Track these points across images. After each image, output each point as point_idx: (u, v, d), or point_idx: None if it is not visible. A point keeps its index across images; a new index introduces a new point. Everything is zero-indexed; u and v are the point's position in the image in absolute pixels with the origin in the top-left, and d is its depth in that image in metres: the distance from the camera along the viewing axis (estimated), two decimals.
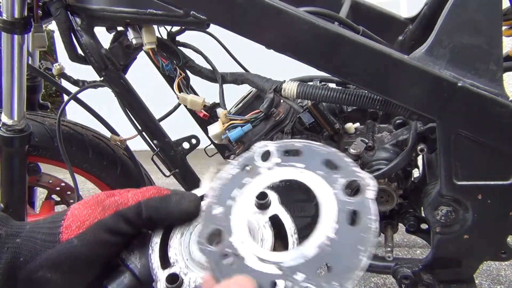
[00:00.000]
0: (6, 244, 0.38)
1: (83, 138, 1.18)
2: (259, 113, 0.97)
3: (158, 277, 0.36)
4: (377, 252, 1.69)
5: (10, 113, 1.01)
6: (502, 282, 1.51)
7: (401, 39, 1.06)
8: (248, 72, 1.05)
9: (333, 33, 0.75)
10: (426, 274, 0.96)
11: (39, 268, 0.38)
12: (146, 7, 0.83)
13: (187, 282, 0.35)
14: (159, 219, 0.39)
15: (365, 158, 0.94)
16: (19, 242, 0.39)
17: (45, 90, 2.08)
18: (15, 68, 0.97)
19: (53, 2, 0.91)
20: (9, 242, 0.39)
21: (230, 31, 0.80)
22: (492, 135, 0.75)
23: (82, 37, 0.94)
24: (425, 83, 0.74)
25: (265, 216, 0.37)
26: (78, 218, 0.39)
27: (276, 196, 0.38)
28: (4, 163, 1.08)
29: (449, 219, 0.84)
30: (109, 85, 1.00)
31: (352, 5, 1.01)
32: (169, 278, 0.35)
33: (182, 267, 0.36)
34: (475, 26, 0.72)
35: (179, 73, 1.00)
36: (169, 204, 0.39)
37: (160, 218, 0.39)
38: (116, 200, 0.41)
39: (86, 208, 0.40)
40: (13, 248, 0.38)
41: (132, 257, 0.39)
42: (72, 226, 0.39)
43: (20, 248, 0.39)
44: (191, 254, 0.37)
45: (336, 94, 0.84)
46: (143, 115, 1.05)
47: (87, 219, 0.39)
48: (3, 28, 0.92)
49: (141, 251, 0.39)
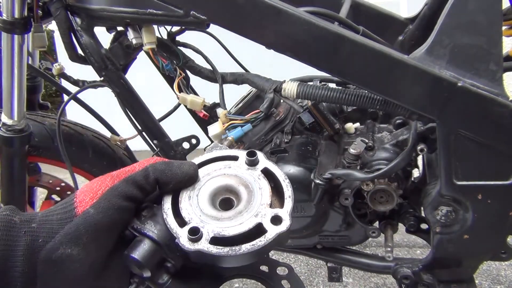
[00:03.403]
0: (22, 229, 0.39)
1: (83, 138, 1.18)
2: (259, 113, 0.97)
3: (179, 234, 0.39)
4: (377, 252, 1.69)
5: (10, 113, 1.01)
6: (502, 282, 1.52)
7: (401, 39, 1.06)
8: (248, 72, 1.05)
9: (333, 33, 0.75)
10: (426, 274, 0.96)
11: (59, 246, 0.38)
12: (146, 7, 0.83)
13: (205, 232, 0.39)
14: (165, 181, 0.42)
15: (365, 158, 0.94)
16: (35, 227, 0.39)
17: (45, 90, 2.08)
18: (15, 68, 0.97)
19: (53, 2, 0.91)
20: (25, 227, 0.39)
21: (230, 31, 0.80)
22: (492, 135, 0.75)
23: (82, 37, 0.94)
24: (425, 83, 0.74)
25: (257, 171, 0.44)
26: (90, 191, 0.41)
27: (262, 154, 0.45)
28: (4, 163, 1.08)
29: (449, 219, 0.84)
30: (109, 85, 1.00)
31: (352, 5, 1.01)
32: (191, 231, 0.39)
33: (198, 222, 0.40)
34: (475, 26, 0.72)
35: (179, 73, 1.00)
36: (172, 166, 0.42)
37: (165, 180, 0.42)
38: (124, 169, 0.43)
39: (96, 181, 0.42)
40: (30, 232, 0.39)
41: (147, 226, 0.41)
42: (85, 199, 0.41)
43: (37, 231, 0.39)
44: (203, 211, 0.41)
45: (336, 94, 0.84)
46: (143, 115, 1.05)
47: (98, 189, 0.41)
48: (3, 28, 0.92)
49: (154, 219, 0.42)
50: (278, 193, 0.43)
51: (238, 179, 0.44)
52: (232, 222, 0.40)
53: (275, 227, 0.39)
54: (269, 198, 0.41)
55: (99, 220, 0.39)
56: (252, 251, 0.38)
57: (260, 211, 0.40)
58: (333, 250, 1.06)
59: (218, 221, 0.40)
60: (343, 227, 0.99)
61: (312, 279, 1.62)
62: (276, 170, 0.44)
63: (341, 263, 1.07)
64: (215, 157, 0.46)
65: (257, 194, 0.42)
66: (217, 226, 0.40)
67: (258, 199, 0.41)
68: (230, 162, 0.45)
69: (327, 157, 0.97)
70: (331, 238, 1.02)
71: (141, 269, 0.40)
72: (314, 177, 0.90)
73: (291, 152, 0.96)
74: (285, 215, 0.40)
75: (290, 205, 0.41)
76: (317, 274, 1.66)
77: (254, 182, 0.43)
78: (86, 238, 0.38)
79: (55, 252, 0.38)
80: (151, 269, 0.40)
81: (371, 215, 0.98)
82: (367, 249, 1.73)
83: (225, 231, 0.39)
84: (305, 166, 0.93)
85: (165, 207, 0.42)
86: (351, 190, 0.91)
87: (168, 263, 0.42)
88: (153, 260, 0.40)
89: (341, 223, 0.98)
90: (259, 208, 0.40)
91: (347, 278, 1.58)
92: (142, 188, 0.41)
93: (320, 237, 1.02)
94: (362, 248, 1.71)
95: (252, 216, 0.40)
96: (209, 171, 0.45)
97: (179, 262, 0.42)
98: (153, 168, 0.42)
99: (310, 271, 1.67)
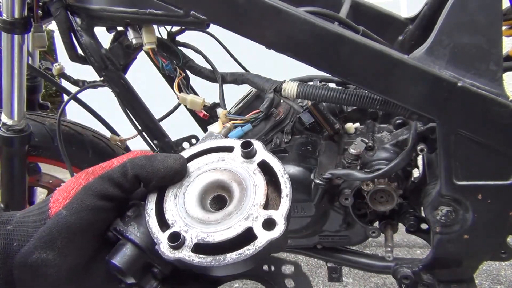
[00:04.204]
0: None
1: (83, 138, 1.18)
2: (259, 113, 0.97)
3: (159, 240, 0.36)
4: (377, 252, 1.69)
5: (10, 113, 1.01)
6: (502, 282, 1.52)
7: (401, 39, 1.06)
8: (248, 72, 1.05)
9: (333, 33, 0.75)
10: (426, 274, 0.96)
11: (33, 250, 0.36)
12: (146, 7, 0.83)
13: (189, 238, 0.35)
14: (146, 177, 0.38)
15: (365, 158, 0.94)
16: (10, 229, 0.37)
17: (45, 90, 2.08)
18: (15, 68, 0.97)
19: (53, 2, 0.91)
20: (0, 229, 0.37)
21: (230, 31, 0.80)
22: (492, 135, 0.75)
23: (82, 37, 0.94)
24: (425, 83, 0.74)
25: (253, 164, 0.39)
26: (64, 190, 0.38)
27: (260, 143, 0.40)
28: (4, 163, 1.08)
29: (449, 219, 0.84)
30: (109, 85, 1.00)
31: (352, 5, 1.01)
32: (171, 237, 0.35)
33: (182, 226, 0.36)
34: (475, 26, 0.72)
35: (179, 73, 1.00)
36: (154, 161, 0.38)
37: (146, 177, 0.38)
38: (101, 165, 0.40)
39: (71, 180, 0.39)
40: (5, 235, 0.37)
41: (130, 228, 0.38)
42: (59, 199, 0.38)
43: (12, 234, 0.37)
44: (188, 213, 0.37)
45: (336, 94, 0.84)
46: (143, 115, 1.05)
47: (72, 188, 0.38)
48: (3, 28, 0.92)
49: (138, 221, 0.38)
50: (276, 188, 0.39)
51: (231, 174, 0.39)
52: (219, 226, 0.35)
53: (266, 233, 0.34)
54: (263, 197, 0.37)
55: (72, 222, 0.36)
56: (239, 261, 0.34)
57: (252, 213, 0.36)
58: (333, 250, 1.06)
59: (204, 224, 0.36)
60: (343, 227, 0.99)
61: (312, 279, 1.63)
62: (275, 163, 0.39)
63: (341, 263, 1.07)
64: (208, 148, 0.42)
65: (251, 192, 0.37)
66: (202, 231, 0.35)
67: (250, 199, 0.37)
68: (224, 154, 0.41)
69: (327, 157, 0.97)
70: (331, 238, 1.02)
71: (123, 276, 0.37)
72: (314, 177, 0.90)
73: (291, 152, 0.96)
74: (279, 218, 0.35)
75: (287, 206, 0.36)
76: (317, 274, 1.66)
77: (248, 178, 0.38)
78: (61, 241, 0.36)
79: (30, 257, 0.36)
80: (134, 276, 0.37)
81: (371, 215, 0.98)
82: (367, 249, 1.73)
83: (210, 236, 0.35)
84: (305, 166, 0.93)
85: (148, 207, 0.38)
86: (351, 190, 0.91)
87: (155, 269, 0.38)
88: (136, 266, 0.37)
89: (341, 223, 0.98)
90: (250, 209, 0.36)
91: (347, 278, 1.58)
92: (120, 186, 0.38)
93: (320, 237, 1.02)
94: (362, 248, 1.71)
95: (242, 219, 0.35)
96: (200, 165, 0.40)
97: (167, 267, 0.39)
98: (132, 163, 0.38)
99: (310, 271, 1.68)
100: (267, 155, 0.39)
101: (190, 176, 0.39)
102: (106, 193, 0.37)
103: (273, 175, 0.39)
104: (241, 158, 0.40)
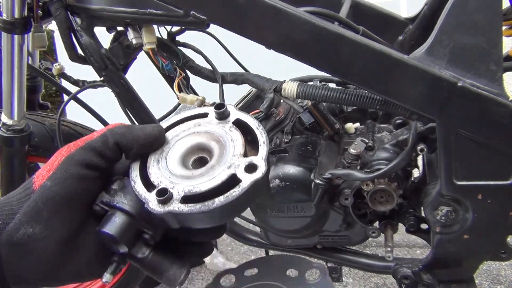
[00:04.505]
0: None
1: None
2: (259, 113, 0.97)
3: (147, 199, 0.37)
4: (377, 252, 1.69)
5: (10, 113, 1.01)
6: (502, 282, 1.51)
7: (401, 39, 1.06)
8: (248, 72, 1.05)
9: (333, 33, 0.75)
10: (426, 274, 0.96)
11: (19, 226, 0.35)
12: (146, 7, 0.83)
13: (176, 193, 0.36)
14: (126, 144, 0.39)
15: (365, 158, 0.94)
16: None
17: (45, 90, 2.08)
18: (15, 68, 0.97)
19: (53, 2, 0.91)
20: None
21: (230, 31, 0.80)
22: (492, 135, 0.75)
23: (82, 37, 0.94)
24: (425, 83, 0.74)
25: (228, 123, 0.42)
26: (47, 165, 0.39)
27: (232, 106, 0.43)
28: (4, 163, 1.08)
29: (449, 219, 0.84)
30: (109, 85, 1.00)
31: (352, 5, 1.01)
32: (158, 193, 0.36)
33: (168, 184, 0.37)
34: (475, 26, 0.72)
35: (179, 73, 1.00)
36: (133, 129, 0.40)
37: (127, 144, 0.39)
38: (82, 138, 0.40)
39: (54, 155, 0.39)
40: None
41: (116, 198, 0.39)
42: (42, 173, 0.38)
43: None
44: (172, 172, 0.38)
45: (336, 94, 0.84)
46: (143, 115, 1.05)
47: (55, 160, 0.38)
48: (3, 28, 0.92)
49: (124, 191, 0.39)
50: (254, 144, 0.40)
51: (209, 135, 0.41)
52: (203, 178, 0.37)
53: (250, 175, 0.36)
54: (242, 147, 0.39)
55: (56, 192, 0.36)
56: (227, 203, 0.35)
57: (234, 162, 0.37)
58: (333, 250, 1.06)
59: (189, 179, 0.37)
60: (343, 227, 0.99)
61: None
62: (248, 118, 0.41)
63: (341, 263, 1.07)
64: (183, 117, 0.44)
65: (229, 146, 0.39)
66: (188, 185, 0.37)
67: (230, 151, 0.38)
68: (200, 120, 0.43)
69: (327, 157, 0.97)
70: (331, 238, 1.02)
71: (116, 244, 0.38)
72: (314, 177, 0.90)
73: (291, 152, 0.96)
74: (260, 161, 0.37)
75: (265, 151, 0.38)
76: None
77: (225, 135, 0.40)
78: (47, 213, 0.36)
79: (16, 233, 0.35)
80: (127, 244, 0.38)
81: (371, 215, 0.98)
82: (367, 249, 1.73)
83: (196, 188, 0.36)
84: (305, 166, 0.93)
85: (132, 174, 0.39)
86: (351, 190, 0.91)
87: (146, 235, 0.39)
88: (128, 233, 0.38)
89: (341, 223, 0.98)
90: (232, 159, 0.38)
91: (347, 278, 1.58)
92: (102, 155, 0.38)
93: (320, 237, 1.02)
94: (362, 248, 1.71)
95: (225, 168, 0.37)
96: (178, 132, 0.42)
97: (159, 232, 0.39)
98: (111, 132, 0.39)
99: None
100: (240, 113, 0.42)
101: (169, 143, 0.41)
102: (89, 162, 0.38)
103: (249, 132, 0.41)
104: (216, 120, 0.42)
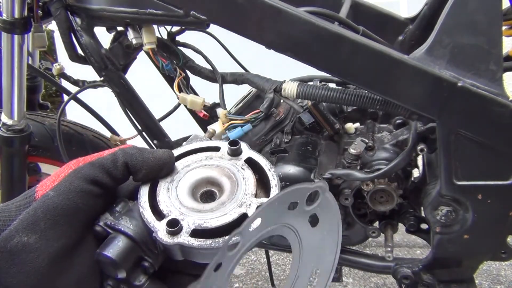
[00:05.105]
0: None
1: (83, 138, 1.18)
2: (259, 113, 0.97)
3: (156, 228, 0.36)
4: (377, 252, 1.69)
5: (10, 113, 1.01)
6: (502, 282, 1.51)
7: (401, 39, 1.06)
8: (248, 72, 1.05)
9: (333, 33, 0.75)
10: (426, 274, 0.96)
11: (15, 234, 0.34)
12: (146, 7, 0.83)
13: (186, 225, 0.36)
14: (135, 165, 0.38)
15: (365, 158, 0.94)
16: None
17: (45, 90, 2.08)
18: (15, 68, 0.97)
19: (53, 2, 0.91)
20: None
21: (230, 31, 0.80)
22: (492, 135, 0.75)
23: (82, 37, 0.94)
24: (425, 83, 0.74)
25: (240, 161, 0.41)
26: (53, 175, 0.38)
27: (245, 144, 0.42)
28: (4, 163, 1.08)
29: (449, 219, 0.84)
30: (109, 85, 1.00)
31: (352, 5, 1.01)
32: (169, 223, 0.36)
33: (178, 215, 0.37)
34: (475, 26, 0.72)
35: (179, 73, 1.00)
36: (144, 152, 0.39)
37: (136, 165, 0.38)
38: (93, 154, 0.40)
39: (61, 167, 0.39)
40: None
41: (122, 221, 0.38)
42: (46, 183, 0.37)
43: None
44: (182, 203, 0.38)
45: (336, 94, 0.84)
46: (143, 115, 1.05)
47: (61, 172, 0.38)
48: (3, 28, 0.92)
49: (129, 215, 0.38)
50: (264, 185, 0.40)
51: (220, 169, 0.41)
52: (214, 214, 0.37)
53: None
54: (254, 187, 0.39)
55: (58, 203, 0.35)
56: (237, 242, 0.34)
57: (245, 201, 0.37)
58: None
59: (199, 213, 0.37)
60: (343, 227, 0.99)
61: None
62: (261, 159, 0.41)
63: (341, 263, 1.07)
64: (195, 148, 0.43)
65: (241, 184, 0.39)
66: (199, 218, 0.36)
67: (242, 189, 0.38)
68: (211, 153, 0.42)
69: (327, 157, 0.97)
70: None
71: (116, 269, 0.37)
72: (314, 177, 0.90)
73: (291, 152, 0.96)
74: None
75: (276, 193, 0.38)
76: None
77: (237, 172, 0.40)
78: (45, 223, 0.35)
79: (10, 241, 0.34)
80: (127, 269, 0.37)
81: (371, 215, 0.98)
82: (367, 249, 1.73)
83: (207, 223, 0.36)
84: (305, 166, 0.93)
85: (141, 200, 0.38)
86: (351, 190, 0.91)
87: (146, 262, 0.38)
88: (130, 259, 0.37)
89: None
90: (243, 198, 0.38)
91: (347, 278, 1.58)
92: (109, 173, 0.38)
93: None
94: (362, 248, 1.71)
95: (236, 206, 0.37)
96: (189, 163, 0.42)
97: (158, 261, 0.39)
98: (122, 152, 0.39)
99: None
100: (252, 153, 0.42)
101: (180, 172, 0.41)
102: (95, 178, 0.37)
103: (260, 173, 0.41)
104: (228, 156, 0.42)
